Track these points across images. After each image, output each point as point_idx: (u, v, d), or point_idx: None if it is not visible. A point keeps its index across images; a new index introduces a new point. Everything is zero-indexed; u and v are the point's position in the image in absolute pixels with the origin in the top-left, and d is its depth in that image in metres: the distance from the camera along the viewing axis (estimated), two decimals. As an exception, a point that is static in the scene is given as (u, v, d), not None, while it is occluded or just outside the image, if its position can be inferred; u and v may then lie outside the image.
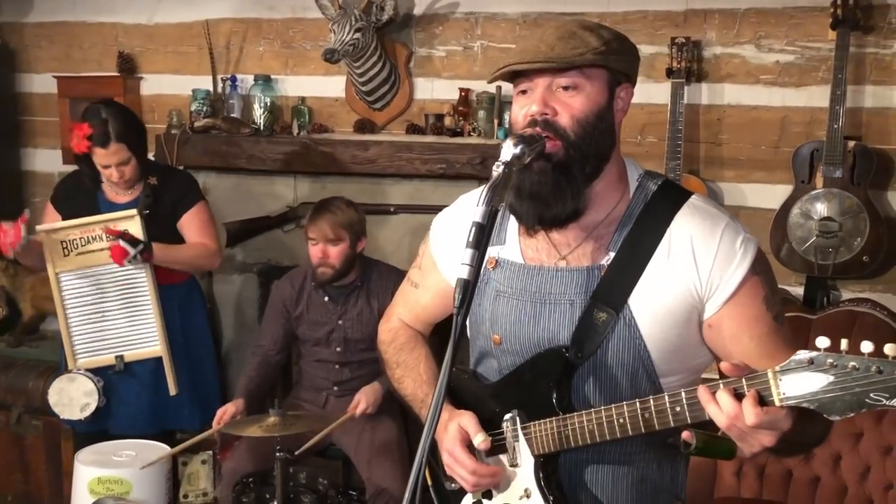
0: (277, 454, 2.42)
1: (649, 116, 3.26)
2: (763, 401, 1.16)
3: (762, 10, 3.10)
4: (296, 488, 2.58)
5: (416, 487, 1.13)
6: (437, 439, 1.51)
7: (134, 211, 2.84)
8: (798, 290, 3.10)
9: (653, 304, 1.36)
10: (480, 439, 1.42)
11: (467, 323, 1.56)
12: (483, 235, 1.20)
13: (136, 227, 2.84)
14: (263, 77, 3.67)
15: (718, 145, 3.21)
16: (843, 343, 1.10)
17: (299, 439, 2.66)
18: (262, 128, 3.60)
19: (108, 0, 3.94)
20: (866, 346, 1.08)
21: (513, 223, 1.50)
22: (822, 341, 1.10)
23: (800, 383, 1.12)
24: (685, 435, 1.23)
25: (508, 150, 1.28)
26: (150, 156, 3.81)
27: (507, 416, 1.45)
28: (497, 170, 1.25)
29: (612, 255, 1.40)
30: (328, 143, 3.50)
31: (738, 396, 1.18)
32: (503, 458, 1.46)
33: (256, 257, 3.78)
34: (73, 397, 2.86)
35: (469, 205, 1.57)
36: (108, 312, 2.91)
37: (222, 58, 3.78)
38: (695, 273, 1.35)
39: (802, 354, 1.12)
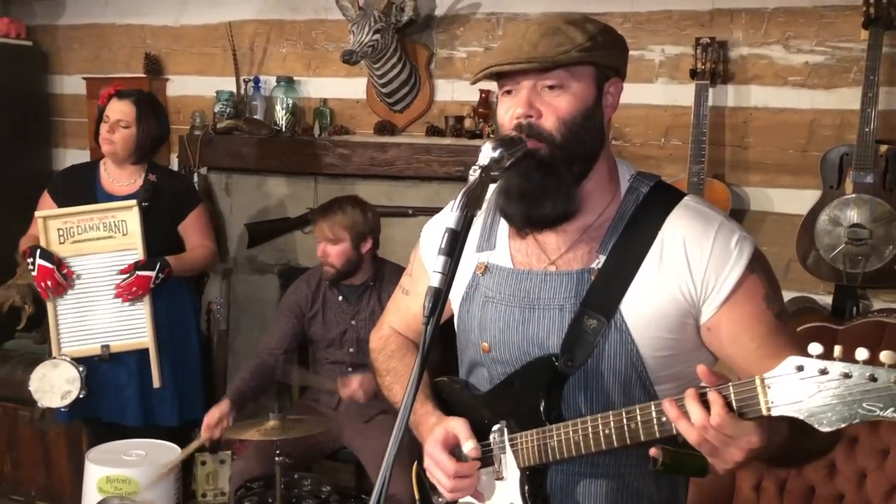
0: (277, 458, 2.40)
1: (673, 118, 3.18)
2: (745, 411, 1.11)
3: (791, 10, 3.00)
4: (299, 493, 2.57)
5: (382, 490, 1.13)
6: (421, 444, 1.47)
7: (133, 202, 2.89)
8: (826, 299, 2.99)
9: (645, 309, 1.31)
10: (471, 446, 1.37)
11: (456, 331, 1.52)
12: (456, 242, 1.16)
13: (133, 219, 2.90)
14: (286, 79, 3.67)
15: (744, 149, 3.12)
16: (837, 350, 1.04)
17: (307, 442, 2.65)
18: (283, 129, 3.61)
19: (135, 2, 3.99)
20: (861, 354, 1.02)
21: (503, 228, 1.46)
22: (815, 347, 1.05)
23: (789, 391, 1.06)
24: (652, 451, 1.18)
25: (486, 153, 1.23)
26: (174, 157, 3.90)
27: (496, 428, 1.41)
28: (473, 174, 1.21)
29: (602, 258, 1.35)
30: (347, 144, 3.49)
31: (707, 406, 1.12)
32: (490, 470, 1.42)
33: (277, 258, 3.79)
34: (55, 384, 2.87)
35: None
36: (98, 301, 2.94)
37: (246, 59, 3.79)
38: (688, 276, 1.30)
39: (792, 361, 1.06)
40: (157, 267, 2.88)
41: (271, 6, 3.75)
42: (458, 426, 1.40)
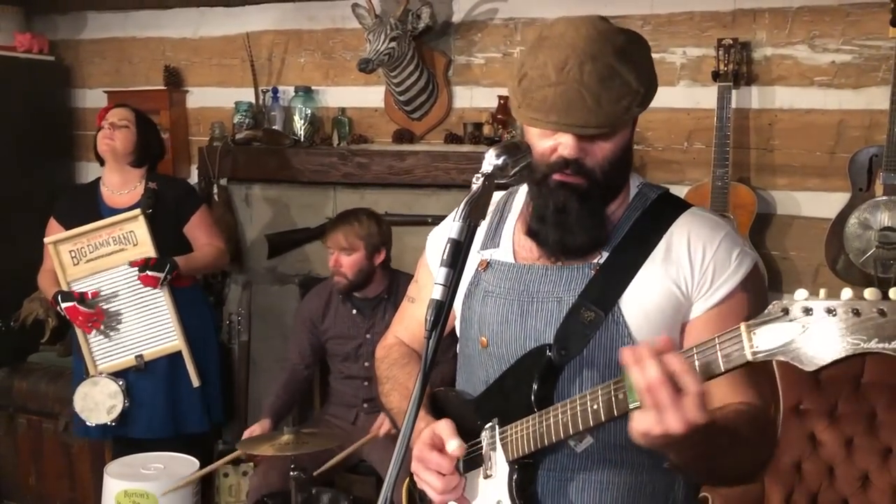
0: (292, 473, 2.38)
1: (696, 122, 3.12)
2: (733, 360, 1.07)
3: (816, 8, 2.92)
4: (317, 508, 2.55)
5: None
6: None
7: (138, 211, 2.92)
8: (857, 305, 2.90)
9: (645, 304, 1.30)
10: (454, 446, 1.32)
11: (456, 331, 1.50)
12: (459, 253, 1.13)
13: (141, 227, 2.92)
14: (304, 88, 3.66)
15: (770, 151, 3.04)
16: (822, 292, 1.02)
17: (324, 457, 2.62)
18: (302, 139, 3.59)
19: (155, 15, 4.00)
20: (846, 293, 1.00)
21: (509, 226, 1.45)
22: (801, 293, 1.03)
23: (773, 335, 1.03)
24: None
25: (490, 160, 1.20)
26: (194, 168, 3.91)
27: (487, 426, 1.38)
28: (476, 182, 1.18)
29: (605, 254, 1.34)
30: (365, 153, 3.47)
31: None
32: (479, 471, 1.39)
33: (297, 269, 3.78)
34: (99, 401, 2.91)
35: None
36: (123, 314, 2.97)
37: (264, 70, 3.79)
38: (688, 272, 1.30)
39: (777, 304, 1.03)
40: (167, 269, 2.90)
41: (289, 16, 3.74)
42: (442, 427, 1.36)
